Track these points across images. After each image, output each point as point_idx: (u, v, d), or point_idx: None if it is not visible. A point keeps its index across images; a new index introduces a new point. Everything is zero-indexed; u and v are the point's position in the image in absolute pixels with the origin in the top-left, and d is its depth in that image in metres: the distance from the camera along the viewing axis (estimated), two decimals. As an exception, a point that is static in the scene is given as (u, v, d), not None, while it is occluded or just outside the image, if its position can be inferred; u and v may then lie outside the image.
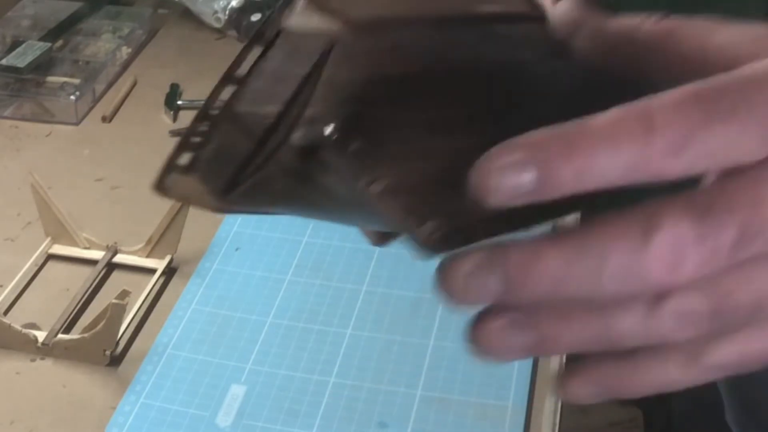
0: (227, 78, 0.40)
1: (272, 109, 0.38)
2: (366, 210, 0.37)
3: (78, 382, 0.69)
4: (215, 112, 0.39)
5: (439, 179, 0.36)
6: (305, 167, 0.37)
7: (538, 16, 0.40)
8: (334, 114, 0.36)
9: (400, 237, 0.37)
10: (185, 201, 0.42)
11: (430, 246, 0.35)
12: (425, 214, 0.35)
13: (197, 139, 0.40)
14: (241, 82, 0.39)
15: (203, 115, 0.40)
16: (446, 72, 0.38)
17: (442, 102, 0.38)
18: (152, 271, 0.77)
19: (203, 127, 0.40)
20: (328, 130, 0.36)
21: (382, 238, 0.46)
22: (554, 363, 0.69)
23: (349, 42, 0.36)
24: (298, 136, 0.36)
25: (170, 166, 0.40)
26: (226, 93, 0.39)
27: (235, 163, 0.39)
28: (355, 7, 0.37)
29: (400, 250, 0.86)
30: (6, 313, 0.74)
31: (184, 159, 0.40)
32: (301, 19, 0.37)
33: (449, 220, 0.35)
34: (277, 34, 0.38)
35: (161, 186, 0.41)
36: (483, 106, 0.39)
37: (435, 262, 0.36)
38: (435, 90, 0.38)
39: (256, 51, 0.39)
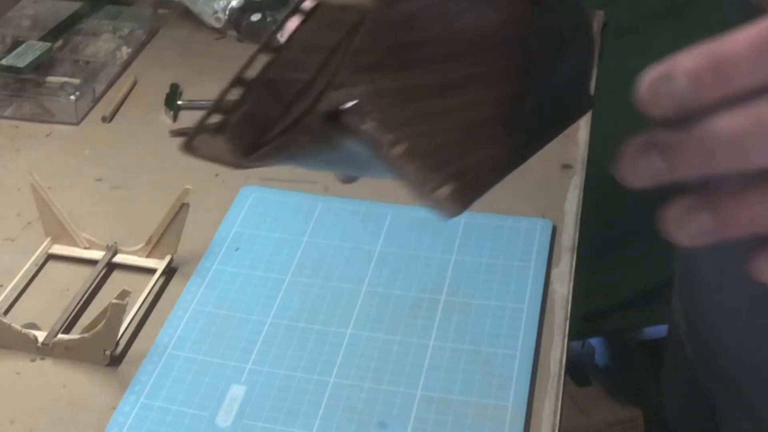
0: (264, 46, 0.42)
1: (303, 76, 0.41)
2: (383, 168, 0.39)
3: (78, 382, 0.69)
4: (250, 77, 0.42)
5: (451, 137, 0.39)
6: (329, 131, 0.39)
7: None
8: (359, 81, 0.38)
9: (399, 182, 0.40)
10: (209, 160, 0.44)
11: (447, 207, 0.38)
12: (440, 179, 0.38)
13: (228, 103, 0.42)
14: (277, 50, 0.42)
15: (238, 80, 0.42)
16: (455, 35, 0.41)
17: (453, 64, 0.40)
18: (152, 271, 0.77)
19: (236, 92, 0.42)
20: (353, 96, 0.38)
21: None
22: (555, 363, 0.70)
23: (378, 14, 0.39)
24: (324, 103, 0.39)
25: (200, 127, 0.43)
26: (262, 60, 0.42)
27: (263, 126, 0.41)
28: None
29: (400, 250, 0.86)
30: (6, 313, 0.74)
31: (214, 121, 0.42)
32: None
33: (462, 181, 0.39)
34: (316, 7, 0.41)
35: (190, 145, 0.44)
36: (489, 64, 0.41)
37: (434, 263, 0.38)
38: (446, 53, 0.41)
39: (295, 21, 0.42)
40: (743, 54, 0.31)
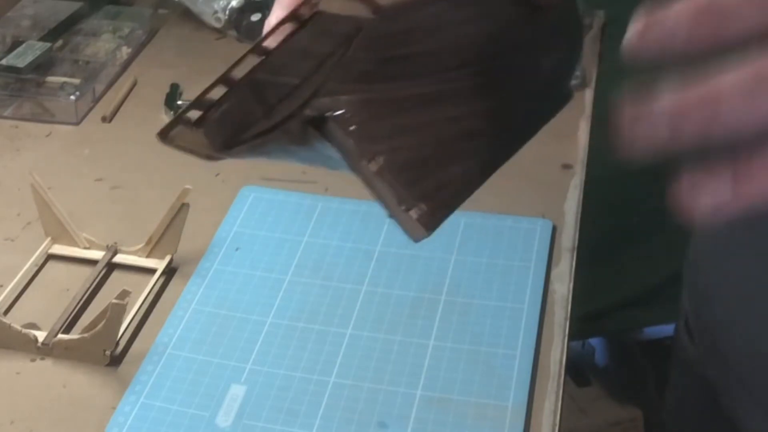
0: (256, 48, 0.43)
1: (291, 80, 0.41)
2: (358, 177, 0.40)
3: (78, 382, 0.69)
4: (236, 77, 0.42)
5: (426, 152, 0.40)
6: (309, 135, 0.40)
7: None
8: (346, 90, 0.39)
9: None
10: (183, 150, 0.45)
11: (415, 230, 0.39)
12: (411, 201, 0.39)
13: (210, 99, 0.43)
14: (268, 53, 0.42)
15: (224, 78, 0.43)
16: (445, 48, 0.41)
17: (438, 77, 0.41)
18: (152, 271, 0.77)
19: (220, 90, 0.43)
20: (338, 104, 0.39)
21: None
22: (555, 363, 0.70)
23: (374, 27, 0.40)
24: (311, 108, 0.39)
25: (179, 119, 0.44)
26: (251, 61, 0.42)
27: (242, 125, 0.42)
28: None
29: (400, 250, 0.86)
30: (6, 313, 0.74)
31: (193, 114, 0.43)
32: (335, 3, 0.40)
33: (432, 202, 0.39)
34: (312, 16, 0.41)
35: (165, 135, 0.44)
36: (473, 77, 0.42)
37: (434, 263, 0.38)
38: (433, 66, 0.41)
39: (288, 27, 0.42)
40: None
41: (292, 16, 0.42)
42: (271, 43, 0.42)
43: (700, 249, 0.77)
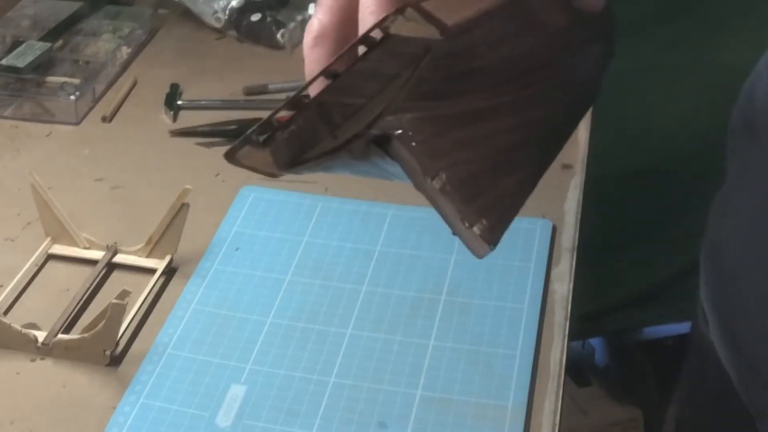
0: (325, 70, 0.44)
1: (356, 101, 0.43)
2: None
3: (78, 382, 0.69)
4: (305, 99, 0.44)
5: (483, 165, 0.41)
6: (372, 153, 0.41)
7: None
8: (410, 108, 0.40)
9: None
10: (248, 169, 0.46)
11: (479, 246, 0.40)
12: (472, 217, 0.40)
13: (278, 121, 0.44)
14: (336, 76, 0.44)
15: (294, 101, 0.44)
16: (504, 61, 0.43)
17: (497, 90, 0.42)
18: (152, 271, 0.77)
19: (288, 112, 0.44)
20: (401, 123, 0.40)
21: None
22: (555, 363, 0.70)
23: (441, 47, 0.41)
24: (377, 127, 0.40)
25: (247, 140, 0.45)
26: (319, 84, 0.44)
27: (308, 145, 0.44)
28: (448, 14, 0.41)
29: (400, 250, 0.86)
30: (6, 313, 0.74)
31: (261, 135, 0.45)
32: (405, 25, 0.42)
33: (491, 217, 0.41)
34: (383, 39, 0.42)
35: (233, 154, 0.46)
36: (528, 88, 0.43)
37: (434, 263, 0.39)
38: (493, 80, 0.42)
39: (360, 50, 0.43)
40: None
41: (363, 40, 0.43)
42: (339, 66, 0.44)
43: (727, 232, 0.76)
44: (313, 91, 0.44)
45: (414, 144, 0.40)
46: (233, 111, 0.99)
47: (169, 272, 0.78)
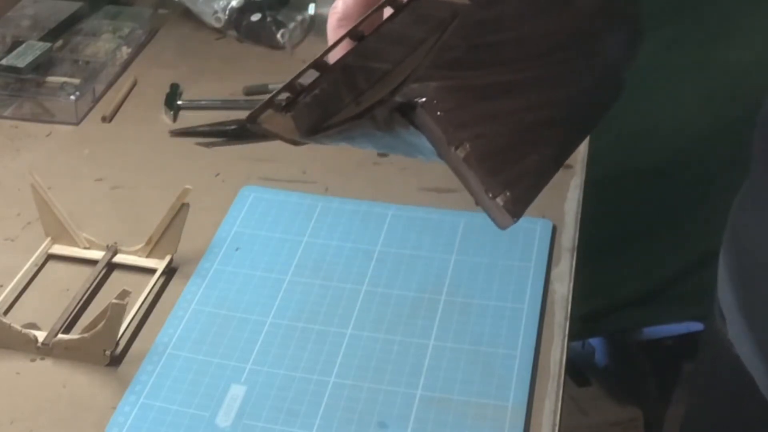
0: (351, 33, 0.43)
1: (382, 66, 0.42)
2: (436, 155, 0.41)
3: (78, 382, 0.69)
4: (329, 62, 0.43)
5: (509, 140, 0.41)
6: (395, 121, 0.41)
7: None
8: (435, 77, 0.40)
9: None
10: (269, 134, 0.46)
11: (502, 217, 0.40)
12: (497, 188, 0.40)
13: (302, 84, 0.43)
14: (362, 38, 0.43)
15: (318, 63, 0.44)
16: (531, 37, 0.43)
17: (523, 65, 0.42)
18: (152, 271, 0.77)
19: (311, 75, 0.44)
20: (426, 91, 0.40)
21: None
22: (555, 363, 0.70)
23: (469, 13, 0.40)
24: (400, 95, 0.40)
25: (269, 103, 0.45)
26: (344, 46, 0.43)
27: (330, 110, 0.43)
28: None
29: (400, 250, 0.86)
30: (6, 313, 0.74)
31: (283, 99, 0.44)
32: None
33: (515, 190, 0.40)
34: (410, 2, 0.42)
35: (254, 118, 0.45)
36: (554, 66, 0.43)
37: (434, 263, 0.39)
38: (519, 54, 0.42)
39: (386, 12, 0.43)
40: None
41: (389, 1, 0.43)
42: (364, 28, 0.43)
43: (755, 226, 0.75)
44: (336, 55, 0.43)
45: (439, 113, 0.39)
46: (233, 111, 0.99)
47: (169, 272, 0.78)
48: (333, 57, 0.44)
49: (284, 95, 0.44)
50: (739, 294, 0.76)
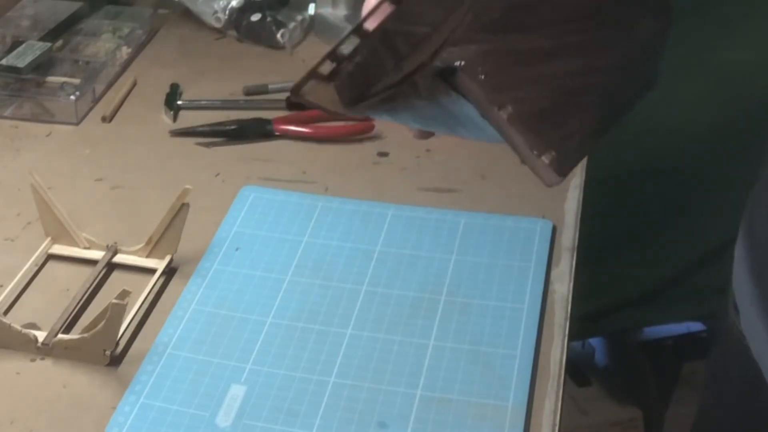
0: None
1: (421, 29, 0.42)
2: (479, 128, 0.41)
3: (78, 382, 0.69)
4: (368, 28, 0.43)
5: (552, 104, 0.41)
6: (437, 87, 0.41)
7: None
8: (474, 40, 0.40)
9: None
10: (313, 105, 0.46)
11: (548, 175, 0.41)
12: (543, 146, 0.40)
13: (343, 53, 0.43)
14: (400, 1, 0.43)
15: (357, 29, 0.44)
16: (564, 1, 0.43)
17: (563, 29, 0.42)
18: (152, 271, 0.77)
19: (353, 41, 0.43)
20: (466, 55, 0.40)
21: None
22: (555, 363, 0.70)
23: None
24: (440, 60, 0.40)
25: (312, 73, 0.44)
26: (383, 11, 0.43)
27: (372, 78, 0.43)
28: None
29: (400, 250, 0.86)
30: (6, 313, 0.74)
31: (326, 68, 0.44)
32: None
33: (561, 150, 0.41)
34: None
35: (297, 89, 0.45)
36: (594, 32, 0.43)
37: (434, 263, 0.38)
38: (558, 18, 0.42)
39: None
40: None
41: None
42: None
43: None
44: (376, 20, 0.43)
45: (480, 76, 0.40)
46: (233, 111, 0.99)
47: (169, 272, 0.78)
48: (372, 23, 0.44)
49: (327, 66, 0.45)
50: (756, 286, 0.76)
